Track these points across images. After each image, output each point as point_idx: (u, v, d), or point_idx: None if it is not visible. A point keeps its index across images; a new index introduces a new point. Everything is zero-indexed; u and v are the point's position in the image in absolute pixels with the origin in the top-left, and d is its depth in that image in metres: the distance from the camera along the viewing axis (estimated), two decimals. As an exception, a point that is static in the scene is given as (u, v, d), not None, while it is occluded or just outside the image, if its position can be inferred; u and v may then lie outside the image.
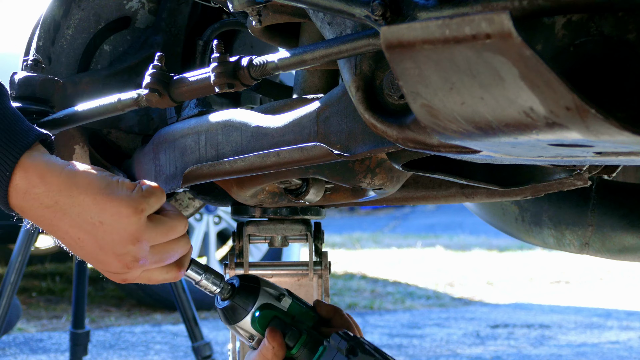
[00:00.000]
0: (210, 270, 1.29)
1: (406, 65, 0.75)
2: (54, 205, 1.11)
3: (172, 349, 4.15)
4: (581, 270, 6.83)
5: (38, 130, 1.14)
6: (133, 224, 1.12)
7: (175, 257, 1.19)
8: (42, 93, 1.41)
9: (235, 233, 1.53)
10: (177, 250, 1.18)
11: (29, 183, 1.10)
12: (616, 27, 0.85)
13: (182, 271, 1.22)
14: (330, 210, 10.47)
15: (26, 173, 1.10)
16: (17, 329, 4.44)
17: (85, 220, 1.12)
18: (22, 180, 1.10)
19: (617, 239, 1.72)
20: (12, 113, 1.14)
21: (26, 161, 1.10)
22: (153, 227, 1.14)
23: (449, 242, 8.91)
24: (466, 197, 1.48)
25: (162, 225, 1.15)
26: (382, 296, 5.82)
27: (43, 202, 1.11)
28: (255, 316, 1.29)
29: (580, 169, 1.31)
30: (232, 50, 1.67)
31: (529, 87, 0.70)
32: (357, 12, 0.93)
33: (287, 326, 1.30)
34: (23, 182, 1.10)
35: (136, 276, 1.17)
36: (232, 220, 5.02)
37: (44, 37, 1.47)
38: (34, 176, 1.10)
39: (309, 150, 1.11)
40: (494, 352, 4.15)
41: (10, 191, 1.11)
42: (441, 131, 0.82)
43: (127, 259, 1.13)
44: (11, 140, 1.10)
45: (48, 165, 1.11)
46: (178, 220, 1.17)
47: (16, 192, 1.11)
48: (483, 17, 0.67)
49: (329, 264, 1.52)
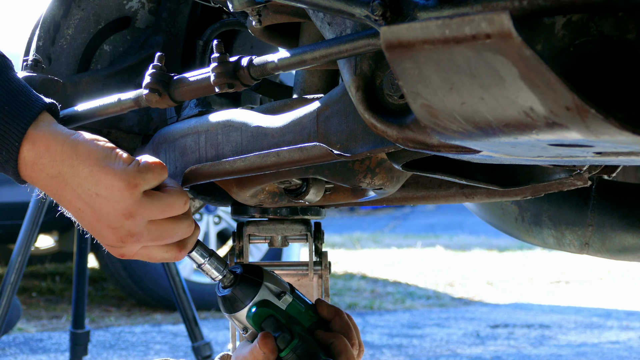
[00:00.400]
0: (216, 256, 1.29)
1: (406, 65, 0.75)
2: (58, 175, 1.12)
3: (172, 349, 4.15)
4: (581, 270, 6.83)
5: (43, 100, 1.14)
6: (126, 198, 1.12)
7: (176, 237, 1.18)
8: (42, 93, 1.41)
9: (235, 233, 1.53)
10: (177, 230, 1.18)
11: (36, 154, 1.12)
12: (616, 27, 0.85)
13: (183, 252, 1.21)
14: (330, 210, 10.46)
15: (33, 144, 1.12)
16: (17, 329, 4.44)
17: (84, 191, 1.13)
18: (30, 151, 1.12)
19: (617, 239, 1.72)
20: (17, 84, 1.15)
21: (33, 132, 1.12)
22: (149, 202, 1.14)
23: (449, 242, 8.91)
24: (466, 197, 1.48)
25: (159, 201, 1.15)
26: (382, 296, 5.82)
27: (49, 173, 1.12)
28: (251, 311, 1.30)
29: (580, 169, 1.31)
30: (232, 50, 1.67)
31: (529, 87, 0.70)
32: (357, 12, 0.93)
33: (281, 327, 1.30)
34: (30, 153, 1.12)
35: (134, 252, 1.17)
36: (232, 220, 5.02)
37: (44, 37, 1.47)
38: (40, 147, 1.12)
39: (309, 150, 1.11)
40: (494, 352, 4.15)
41: (20, 163, 1.12)
42: (441, 131, 0.82)
43: (121, 232, 1.14)
44: (17, 112, 1.12)
45: (53, 135, 1.13)
46: (177, 197, 1.16)
47: (25, 164, 1.12)
48: (483, 17, 0.67)
49: (329, 264, 1.52)
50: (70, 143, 1.12)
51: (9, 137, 1.11)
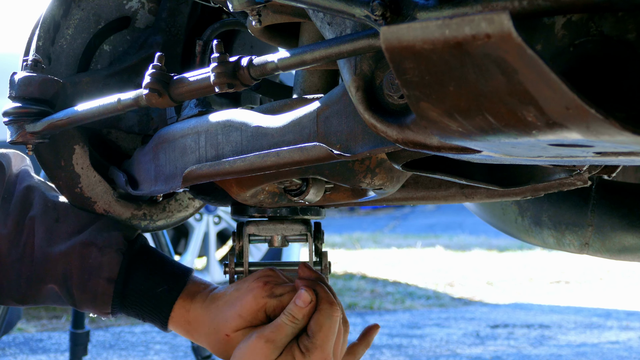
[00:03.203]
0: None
1: (406, 65, 0.75)
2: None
3: (172, 349, 4.15)
4: (581, 270, 6.83)
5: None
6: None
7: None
8: (42, 93, 1.41)
9: (235, 233, 1.53)
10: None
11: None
12: (616, 27, 0.85)
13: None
14: (330, 210, 10.47)
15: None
16: (17, 329, 4.44)
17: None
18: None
19: (617, 239, 1.72)
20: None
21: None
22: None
23: (449, 242, 8.91)
24: (466, 197, 1.48)
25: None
26: (382, 296, 5.82)
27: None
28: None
29: (580, 169, 1.31)
30: (232, 50, 1.67)
31: (529, 87, 0.70)
32: (357, 12, 0.93)
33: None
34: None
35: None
36: (232, 220, 5.02)
37: (44, 37, 1.47)
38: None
39: (309, 151, 1.11)
40: (493, 352, 4.15)
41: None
42: (441, 131, 0.82)
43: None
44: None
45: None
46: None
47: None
48: (483, 17, 0.67)
49: (328, 264, 1.52)
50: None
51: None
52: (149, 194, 1.41)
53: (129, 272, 1.43)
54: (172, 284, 1.43)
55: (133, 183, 1.45)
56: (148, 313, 1.43)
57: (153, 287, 1.42)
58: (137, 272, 1.43)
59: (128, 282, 1.42)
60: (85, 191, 1.50)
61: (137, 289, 1.42)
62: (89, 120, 1.35)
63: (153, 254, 1.46)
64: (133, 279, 1.42)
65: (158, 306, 1.42)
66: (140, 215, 1.56)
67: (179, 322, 1.42)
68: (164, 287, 1.42)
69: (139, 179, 1.44)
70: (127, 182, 1.44)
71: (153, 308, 1.42)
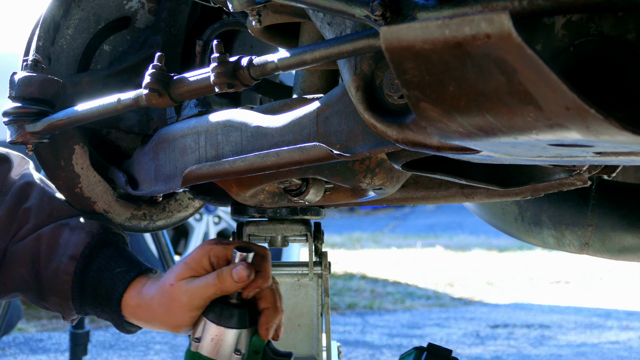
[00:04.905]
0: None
1: (406, 65, 0.75)
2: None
3: (172, 349, 4.15)
4: (581, 270, 6.83)
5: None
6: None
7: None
8: (42, 93, 1.41)
9: (235, 233, 1.53)
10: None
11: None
12: (616, 27, 0.85)
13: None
14: (330, 210, 10.46)
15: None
16: (17, 329, 4.44)
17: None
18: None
19: (617, 239, 1.72)
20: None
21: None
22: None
23: (448, 242, 8.91)
24: (466, 197, 1.48)
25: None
26: (382, 296, 5.82)
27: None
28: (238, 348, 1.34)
29: (580, 169, 1.31)
30: (232, 50, 1.67)
31: (529, 87, 0.70)
32: (357, 12, 0.93)
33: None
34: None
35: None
36: (232, 220, 5.02)
37: (44, 37, 1.47)
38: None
39: (309, 151, 1.11)
40: (493, 352, 4.15)
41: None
42: (441, 131, 0.82)
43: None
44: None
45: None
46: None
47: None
48: (483, 17, 0.67)
49: (328, 264, 1.52)
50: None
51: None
52: (148, 194, 1.41)
53: (92, 253, 1.41)
54: (133, 267, 1.41)
55: (133, 183, 1.45)
56: (103, 294, 1.40)
57: (113, 268, 1.41)
58: (101, 255, 1.41)
59: (90, 263, 1.41)
60: (85, 191, 1.50)
61: (97, 268, 1.41)
62: (88, 120, 1.35)
63: (122, 247, 1.45)
64: (96, 260, 1.41)
65: (112, 286, 1.40)
66: (140, 215, 1.56)
67: (131, 303, 1.39)
68: (123, 268, 1.40)
69: (138, 179, 1.44)
70: (127, 182, 1.44)
71: (108, 289, 1.40)
